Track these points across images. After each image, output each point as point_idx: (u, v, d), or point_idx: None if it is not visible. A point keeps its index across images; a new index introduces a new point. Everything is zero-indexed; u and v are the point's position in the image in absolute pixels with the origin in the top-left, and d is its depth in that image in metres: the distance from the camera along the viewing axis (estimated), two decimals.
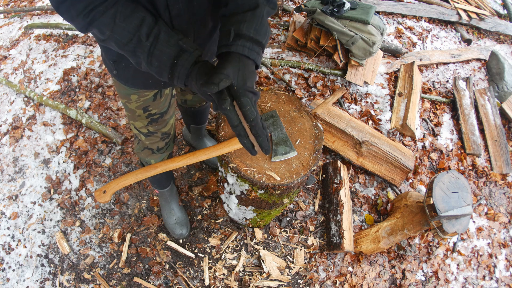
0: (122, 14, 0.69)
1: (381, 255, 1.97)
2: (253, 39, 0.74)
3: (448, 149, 2.53)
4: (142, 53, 0.73)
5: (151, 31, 0.71)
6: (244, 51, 0.73)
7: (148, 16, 0.72)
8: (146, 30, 0.71)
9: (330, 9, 2.44)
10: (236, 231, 1.91)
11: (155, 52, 0.72)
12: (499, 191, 2.44)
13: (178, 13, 0.79)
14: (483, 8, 3.78)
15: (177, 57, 0.72)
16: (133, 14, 0.70)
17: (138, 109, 1.16)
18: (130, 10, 0.70)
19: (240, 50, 0.73)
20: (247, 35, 0.74)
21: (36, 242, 1.88)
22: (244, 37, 0.74)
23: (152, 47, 0.72)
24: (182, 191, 2.03)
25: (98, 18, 0.68)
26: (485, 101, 2.80)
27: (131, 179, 1.02)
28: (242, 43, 0.73)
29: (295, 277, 1.84)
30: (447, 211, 1.53)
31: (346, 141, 2.14)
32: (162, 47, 0.71)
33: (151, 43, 0.71)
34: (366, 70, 2.65)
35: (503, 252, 2.19)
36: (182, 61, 0.72)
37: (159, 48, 0.71)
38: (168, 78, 0.76)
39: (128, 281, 1.77)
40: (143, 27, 0.70)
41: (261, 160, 1.18)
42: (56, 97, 2.41)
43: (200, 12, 0.85)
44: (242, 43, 0.73)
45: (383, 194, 2.18)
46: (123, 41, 0.72)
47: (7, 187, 2.07)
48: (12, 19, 3.18)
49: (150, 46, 0.71)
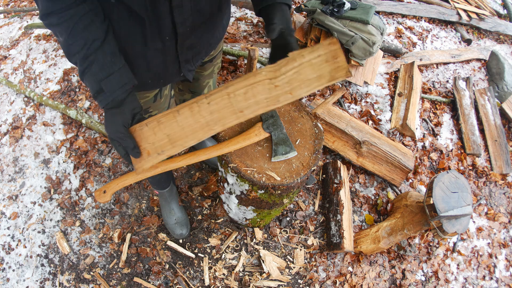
0: (74, 30, 0.74)
1: (381, 255, 1.97)
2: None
3: (448, 149, 2.53)
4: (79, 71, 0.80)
5: (90, 55, 0.76)
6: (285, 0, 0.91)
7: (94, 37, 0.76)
8: (86, 52, 0.76)
9: (330, 9, 2.44)
10: (236, 231, 1.91)
11: (85, 77, 0.79)
12: (499, 191, 2.44)
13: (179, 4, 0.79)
14: (483, 8, 3.78)
15: (97, 92, 0.80)
16: (82, 33, 0.75)
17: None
18: (82, 27, 0.75)
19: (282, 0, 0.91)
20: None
21: (36, 242, 1.88)
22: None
23: (85, 71, 0.78)
24: (182, 191, 2.03)
25: (55, 24, 0.73)
26: (485, 101, 2.81)
27: (131, 179, 1.02)
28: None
29: (295, 277, 1.84)
30: (447, 211, 1.53)
31: (346, 141, 2.14)
32: (90, 77, 0.78)
33: (84, 68, 0.78)
34: (366, 70, 2.65)
35: (503, 252, 2.19)
36: (99, 98, 0.81)
37: (87, 77, 0.78)
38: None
39: (128, 281, 1.77)
40: (84, 49, 0.76)
41: (261, 160, 1.18)
42: (56, 97, 2.41)
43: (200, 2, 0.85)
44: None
45: (383, 194, 2.18)
46: (69, 53, 0.78)
47: (7, 187, 2.07)
48: (12, 19, 3.18)
49: (84, 70, 0.78)
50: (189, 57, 1.01)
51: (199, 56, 1.07)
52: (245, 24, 3.02)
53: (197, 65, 1.09)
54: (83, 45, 0.75)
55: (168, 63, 0.96)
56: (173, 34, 0.87)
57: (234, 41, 2.81)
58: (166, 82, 1.08)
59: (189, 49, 0.98)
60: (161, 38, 0.86)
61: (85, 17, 0.75)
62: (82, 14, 0.74)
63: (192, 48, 0.98)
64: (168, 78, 1.05)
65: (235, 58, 2.64)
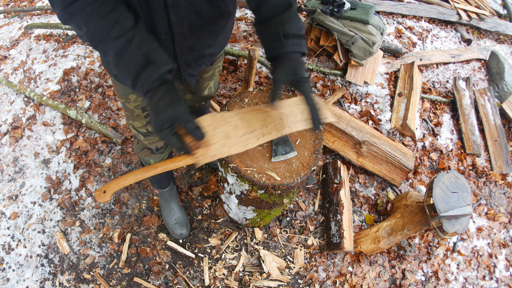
0: (99, 13, 0.69)
1: (381, 255, 1.97)
2: (297, 35, 0.85)
3: (448, 149, 2.53)
4: (112, 55, 0.72)
5: (124, 34, 0.70)
6: (295, 48, 0.85)
7: (125, 17, 0.71)
8: (118, 32, 0.70)
9: (330, 9, 2.44)
10: (236, 231, 1.91)
11: (123, 57, 0.72)
12: (499, 191, 2.44)
13: (174, 3, 0.79)
14: (483, 8, 3.78)
15: (143, 67, 0.71)
16: (109, 14, 0.70)
17: (136, 108, 1.16)
18: (108, 9, 0.69)
19: (292, 49, 0.85)
20: (292, 33, 0.85)
21: (36, 242, 1.88)
22: (290, 36, 0.85)
23: (122, 51, 0.71)
24: (182, 191, 2.03)
25: (76, 13, 0.68)
26: (485, 101, 2.81)
27: (131, 179, 1.02)
28: (290, 42, 0.85)
29: (295, 277, 1.84)
30: (447, 211, 1.53)
31: (346, 141, 2.14)
32: (131, 53, 0.71)
33: (121, 47, 0.71)
34: (366, 70, 2.65)
35: (503, 252, 2.19)
36: (146, 74, 0.72)
37: (127, 54, 0.71)
38: (131, 85, 0.75)
39: (128, 281, 1.77)
40: (115, 28, 0.70)
41: (261, 160, 1.18)
42: (56, 97, 2.41)
43: (196, 3, 0.84)
44: (291, 42, 0.85)
45: (383, 194, 2.18)
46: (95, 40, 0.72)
47: (7, 187, 2.07)
48: (12, 19, 3.18)
49: (120, 50, 0.71)
50: (190, 60, 1.00)
51: (202, 61, 1.05)
52: (245, 24, 3.02)
53: (200, 70, 1.07)
54: (114, 24, 0.69)
55: None
56: (170, 34, 0.86)
57: (234, 41, 2.81)
58: None
59: (189, 51, 0.97)
60: (157, 36, 0.85)
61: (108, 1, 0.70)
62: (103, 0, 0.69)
63: (192, 50, 0.97)
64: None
65: (235, 58, 2.64)
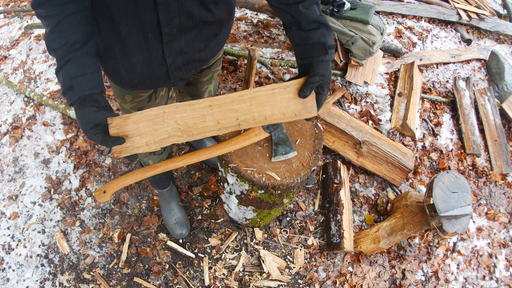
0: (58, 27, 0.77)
1: (381, 255, 1.97)
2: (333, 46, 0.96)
3: (448, 149, 2.53)
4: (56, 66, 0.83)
5: (67, 55, 0.80)
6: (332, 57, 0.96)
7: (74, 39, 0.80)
8: (64, 50, 0.79)
9: (330, 9, 2.44)
10: (236, 231, 1.91)
11: (59, 73, 0.82)
12: (499, 191, 2.44)
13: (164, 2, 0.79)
14: (483, 8, 3.78)
15: (68, 88, 0.82)
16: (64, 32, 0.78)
17: (133, 109, 1.15)
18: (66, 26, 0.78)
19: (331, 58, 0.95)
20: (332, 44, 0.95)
21: (36, 242, 1.88)
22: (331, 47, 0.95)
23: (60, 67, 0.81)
24: (182, 191, 2.03)
25: (42, 15, 0.77)
26: (485, 101, 2.81)
27: (131, 179, 1.02)
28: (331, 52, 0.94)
29: (295, 277, 1.84)
30: (447, 211, 1.53)
31: (346, 141, 2.14)
32: (64, 73, 0.81)
33: (60, 65, 0.81)
34: (366, 70, 2.65)
35: (503, 252, 2.19)
36: (69, 94, 0.83)
37: (62, 72, 0.81)
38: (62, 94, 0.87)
39: (128, 281, 1.77)
40: (64, 47, 0.79)
41: (261, 160, 1.18)
42: (56, 97, 2.41)
43: (187, 4, 0.84)
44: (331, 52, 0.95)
45: (383, 194, 2.18)
46: (50, 47, 0.81)
47: (7, 187, 2.07)
48: (12, 19, 3.18)
49: (60, 67, 0.81)
50: (179, 63, 0.98)
51: (192, 65, 1.04)
52: (245, 24, 3.02)
53: (190, 74, 1.06)
54: (64, 44, 0.79)
55: (154, 64, 0.95)
56: (158, 33, 0.86)
57: (234, 41, 2.81)
58: (153, 85, 1.06)
59: (179, 54, 0.95)
60: (144, 33, 0.86)
61: (71, 17, 0.77)
62: (69, 14, 0.77)
63: (182, 53, 0.96)
64: (155, 81, 1.03)
65: (235, 58, 2.64)
